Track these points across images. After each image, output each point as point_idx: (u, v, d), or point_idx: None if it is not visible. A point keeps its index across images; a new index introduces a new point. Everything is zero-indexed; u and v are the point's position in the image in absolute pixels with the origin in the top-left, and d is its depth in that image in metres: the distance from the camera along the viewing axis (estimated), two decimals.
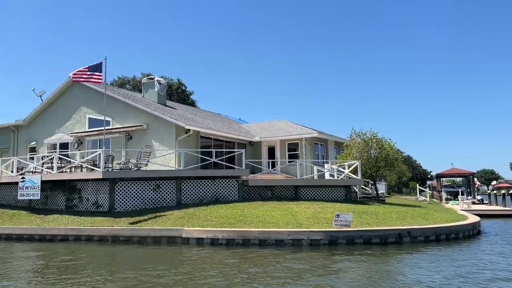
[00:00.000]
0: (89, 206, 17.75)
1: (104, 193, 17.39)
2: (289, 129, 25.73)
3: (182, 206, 17.24)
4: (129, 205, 17.21)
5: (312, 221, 14.19)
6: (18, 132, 25.93)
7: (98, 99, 22.98)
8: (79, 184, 18.16)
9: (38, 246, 14.20)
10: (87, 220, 16.12)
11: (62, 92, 24.31)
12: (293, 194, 18.93)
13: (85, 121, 23.26)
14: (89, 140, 22.98)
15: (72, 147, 23.30)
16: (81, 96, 23.61)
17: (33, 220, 17.21)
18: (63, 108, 24.14)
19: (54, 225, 16.02)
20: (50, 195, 18.95)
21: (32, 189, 18.08)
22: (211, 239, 13.21)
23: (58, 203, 18.71)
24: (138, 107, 21.18)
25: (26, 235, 15.58)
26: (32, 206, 19.23)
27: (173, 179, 17.74)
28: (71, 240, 14.89)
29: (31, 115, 25.23)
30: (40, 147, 24.70)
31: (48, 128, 24.48)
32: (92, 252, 12.80)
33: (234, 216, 14.94)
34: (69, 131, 23.59)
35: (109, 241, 14.39)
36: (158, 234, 13.82)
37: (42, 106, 24.87)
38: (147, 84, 26.03)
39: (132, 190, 17.33)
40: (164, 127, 20.52)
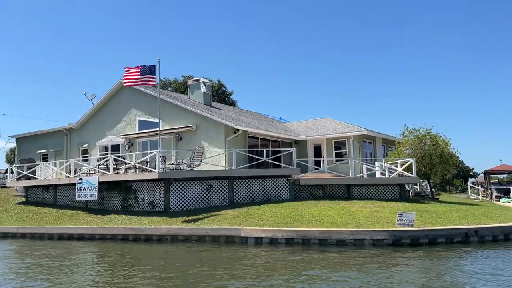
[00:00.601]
0: (144, 206, 18.15)
1: (159, 193, 17.74)
2: (335, 127, 25.37)
3: (235, 205, 17.33)
4: (184, 204, 17.47)
5: (371, 221, 13.88)
6: (70, 135, 26.90)
7: (147, 102, 23.53)
8: (134, 185, 18.61)
9: (99, 245, 14.63)
10: (144, 220, 16.48)
11: (112, 95, 25.01)
12: (345, 193, 18.63)
13: (135, 123, 23.82)
14: (139, 141, 23.50)
15: (123, 148, 23.92)
16: (130, 99, 24.20)
17: (92, 220, 17.79)
18: (114, 110, 24.83)
19: (112, 225, 16.49)
20: (106, 195, 19.52)
21: (90, 190, 18.70)
22: (270, 239, 13.17)
23: (114, 204, 19.26)
24: (187, 108, 21.48)
25: (87, 235, 16.10)
26: (89, 206, 19.88)
27: (225, 179, 17.87)
28: (130, 239, 15.25)
29: (83, 119, 26.11)
30: (92, 149, 25.51)
31: (99, 130, 25.26)
32: (155, 251, 13.04)
33: (290, 216, 14.84)
34: (120, 133, 24.23)
35: (168, 240, 14.64)
36: (217, 233, 13.93)
37: (93, 110, 25.68)
38: (192, 85, 26.37)
39: (186, 190, 17.58)
40: (213, 128, 20.70)
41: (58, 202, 21.44)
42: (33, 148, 28.70)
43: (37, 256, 12.62)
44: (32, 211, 20.51)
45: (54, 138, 27.75)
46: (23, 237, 17.30)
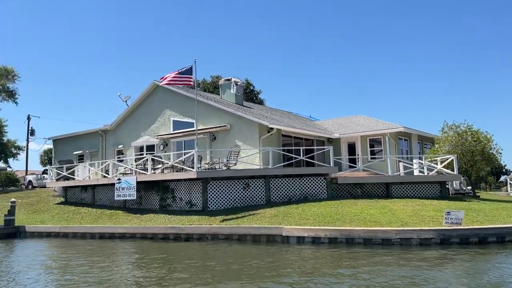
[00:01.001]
0: (182, 205, 18.31)
1: (197, 192, 17.85)
2: (370, 124, 24.94)
3: (272, 204, 17.25)
4: (221, 203, 17.53)
5: (416, 219, 13.54)
6: (106, 136, 27.44)
7: (181, 102, 23.74)
8: (172, 184, 18.79)
9: (141, 244, 14.82)
10: (183, 219, 16.62)
11: (146, 96, 25.36)
12: (384, 191, 18.27)
13: (170, 123, 24.07)
14: (174, 141, 23.74)
15: (158, 149, 24.21)
16: (164, 100, 24.48)
17: (131, 220, 18.06)
18: (148, 111, 25.17)
19: (151, 224, 16.70)
20: (143, 195, 19.79)
21: (128, 190, 19.01)
22: (312, 238, 13.01)
23: (152, 203, 19.51)
24: (221, 108, 21.55)
25: (129, 234, 16.34)
26: (127, 206, 20.21)
27: (262, 178, 17.82)
28: (171, 238, 15.39)
29: (118, 120, 26.58)
30: (127, 150, 25.95)
31: (134, 131, 25.66)
32: (202, 250, 13.09)
33: (330, 215, 14.65)
34: (154, 134, 24.55)
35: (208, 239, 14.70)
36: (258, 232, 13.88)
37: (127, 111, 26.11)
38: (224, 85, 26.46)
39: (223, 189, 17.63)
40: (247, 127, 20.69)
41: (96, 202, 21.89)
42: (69, 150, 29.43)
43: (83, 255, 12.89)
44: (72, 211, 21.02)
45: (89, 139, 28.38)
46: (66, 237, 17.71)
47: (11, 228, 18.62)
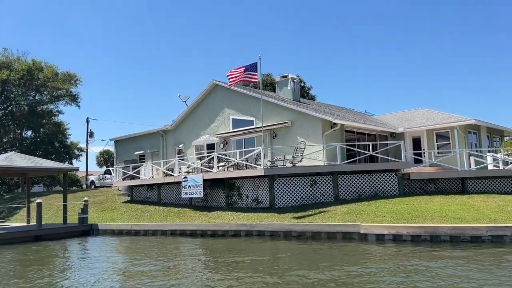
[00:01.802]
0: (249, 202, 18.32)
1: (264, 190, 17.80)
2: (435, 118, 23.89)
3: (341, 201, 16.89)
4: (289, 200, 17.37)
5: (504, 216, 12.70)
6: (166, 136, 28.09)
7: (240, 100, 23.84)
8: (237, 182, 18.86)
9: (214, 241, 14.94)
10: (251, 216, 16.60)
11: (205, 96, 25.68)
12: (458, 187, 17.38)
13: (229, 122, 24.23)
14: (234, 139, 23.89)
15: (218, 147, 24.46)
16: (223, 98, 24.67)
17: (199, 217, 18.30)
18: (207, 111, 25.48)
19: (220, 221, 16.83)
20: (209, 193, 20.00)
21: (195, 187, 19.28)
22: (393, 236, 12.55)
23: (218, 200, 19.69)
24: (282, 104, 21.39)
25: (200, 231, 16.55)
26: (193, 203, 20.52)
27: (329, 174, 17.48)
28: (242, 235, 15.42)
29: (178, 120, 27.12)
30: (187, 149, 26.41)
31: (194, 130, 26.08)
32: (286, 247, 12.99)
33: (408, 212, 14.07)
34: (214, 133, 24.81)
35: (281, 236, 14.59)
36: (333, 230, 13.58)
37: (187, 111, 26.57)
38: (280, 82, 26.28)
39: (290, 186, 17.46)
40: (309, 123, 20.41)
41: (162, 200, 22.41)
42: (131, 150, 30.41)
43: (159, 250, 13.15)
44: (139, 209, 21.63)
45: (150, 139, 29.18)
46: (137, 234, 18.22)
47: (84, 226, 19.43)
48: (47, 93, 33.17)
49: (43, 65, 32.28)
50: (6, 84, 31.15)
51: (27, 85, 31.99)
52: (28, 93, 33.04)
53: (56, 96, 33.64)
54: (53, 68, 32.83)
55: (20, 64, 32.99)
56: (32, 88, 32.39)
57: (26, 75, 31.38)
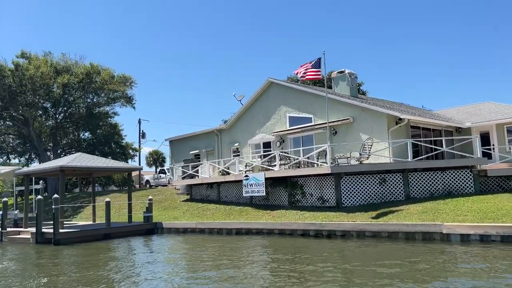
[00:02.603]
0: (313, 201, 17.96)
1: (329, 188, 17.38)
2: (504, 111, 22.47)
3: (413, 200, 16.17)
4: (356, 199, 16.85)
5: None
6: (221, 136, 28.22)
7: (297, 97, 23.50)
8: (300, 180, 18.55)
9: (284, 240, 14.70)
10: (318, 215, 16.23)
11: (260, 94, 25.53)
12: None
13: (286, 120, 23.94)
14: (291, 138, 23.57)
15: (274, 145, 24.24)
16: (279, 96, 24.42)
17: (262, 216, 18.14)
18: (262, 109, 25.32)
19: (284, 219, 16.57)
20: (270, 191, 19.79)
21: (257, 186, 19.15)
22: (480, 236, 11.78)
23: (280, 199, 19.45)
24: (344, 100, 20.86)
25: (266, 230, 16.36)
26: (254, 202, 20.40)
27: (399, 172, 16.78)
28: (311, 235, 15.09)
29: (232, 119, 27.17)
30: (243, 148, 26.39)
31: (249, 129, 26.00)
32: (365, 249, 12.57)
33: (492, 210, 13.20)
34: (270, 131, 24.61)
35: (353, 236, 14.12)
36: (412, 230, 12.96)
37: (242, 110, 26.54)
38: (337, 78, 25.68)
39: (358, 184, 16.93)
40: (373, 119, 19.75)
41: (221, 198, 22.46)
42: (186, 149, 30.81)
43: (228, 249, 13.06)
44: (200, 208, 21.80)
45: (205, 139, 29.43)
46: (202, 232, 18.32)
47: (149, 224, 19.79)
48: (104, 95, 34.29)
49: (100, 68, 33.42)
50: (67, 87, 32.49)
51: (86, 88, 33.20)
52: (86, 96, 34.31)
53: (112, 98, 34.75)
54: (110, 71, 33.92)
55: (78, 68, 34.31)
56: (90, 90, 33.60)
57: (85, 79, 32.58)
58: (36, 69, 30.74)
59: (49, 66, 32.40)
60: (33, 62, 31.97)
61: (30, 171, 20.09)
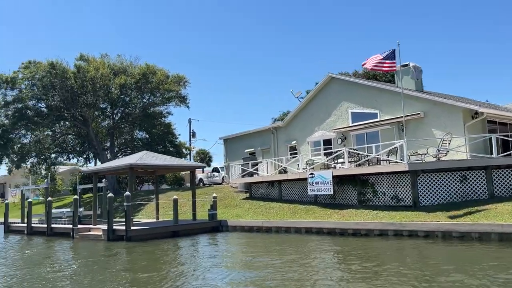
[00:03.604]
0: (386, 200, 17.18)
1: (404, 186, 16.55)
2: None
3: (498, 199, 15.05)
4: (435, 198, 15.93)
5: None
6: (277, 133, 27.84)
7: (360, 93, 22.73)
8: (371, 178, 17.81)
9: (358, 240, 14.08)
10: (394, 214, 15.46)
11: (319, 90, 24.92)
12: None
13: (347, 116, 23.21)
14: (353, 134, 22.81)
15: (335, 143, 23.57)
16: (340, 92, 23.72)
17: (331, 215, 17.56)
18: (322, 105, 24.69)
19: (357, 219, 15.93)
20: (337, 190, 19.16)
21: (324, 184, 18.59)
22: None
23: (347, 198, 18.78)
24: (414, 95, 19.95)
25: (339, 229, 15.77)
26: (319, 201, 19.84)
27: (481, 169, 15.69)
28: (390, 235, 14.37)
29: (289, 116, 26.71)
30: (301, 145, 25.87)
31: (307, 126, 25.45)
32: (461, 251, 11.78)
33: None
34: (330, 128, 23.96)
35: (438, 236, 13.29)
36: (507, 231, 11.99)
37: (299, 107, 26.03)
38: (400, 71, 24.54)
39: (436, 182, 16.00)
40: (447, 113, 18.70)
41: (283, 197, 22.05)
42: (240, 148, 30.67)
43: (304, 249, 12.61)
44: (262, 206, 21.48)
45: (260, 137, 29.16)
46: (268, 231, 17.98)
47: (214, 222, 19.70)
48: (159, 95, 34.82)
49: (155, 68, 33.96)
50: (124, 88, 33.24)
51: (142, 88, 33.83)
52: (142, 96, 34.98)
53: (167, 98, 35.21)
54: (164, 71, 34.40)
55: (134, 68, 35.05)
56: (146, 91, 34.21)
57: (141, 79, 33.20)
58: (96, 70, 31.64)
59: (107, 68, 33.28)
60: (91, 64, 32.95)
61: (99, 169, 20.56)
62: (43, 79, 30.86)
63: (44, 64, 31.41)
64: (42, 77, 30.85)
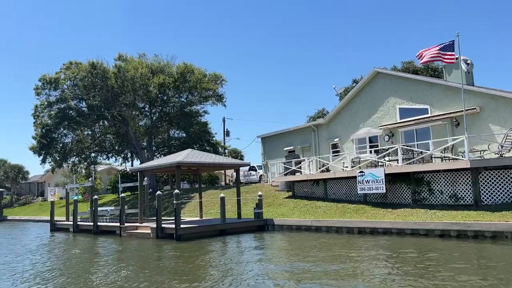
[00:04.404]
0: (443, 199, 16.39)
1: (464, 184, 15.73)
2: None
3: None
4: (498, 197, 15.05)
5: None
6: (318, 131, 27.27)
7: (408, 87, 21.92)
8: (426, 176, 17.04)
9: (424, 240, 13.42)
10: (454, 214, 14.72)
11: (363, 86, 24.22)
12: None
13: (395, 112, 22.41)
14: (402, 131, 22.00)
15: (382, 140, 22.82)
16: (387, 87, 22.95)
17: (383, 214, 16.91)
18: (367, 101, 23.98)
19: (413, 218, 15.26)
20: (388, 188, 18.46)
21: (375, 183, 17.97)
22: None
23: (401, 197, 18.06)
24: (469, 89, 18.98)
25: (395, 229, 15.14)
26: (368, 200, 19.19)
27: None
28: (452, 235, 13.64)
29: (331, 114, 26.09)
30: (344, 143, 25.23)
31: (351, 123, 24.78)
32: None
33: None
34: (376, 124, 23.23)
35: (508, 238, 12.48)
36: None
37: (342, 103, 25.39)
38: (449, 65, 23.58)
39: (499, 180, 15.11)
40: (504, 107, 17.70)
41: (328, 195, 21.50)
42: (278, 146, 30.26)
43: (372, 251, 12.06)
44: (307, 205, 21.00)
45: (300, 135, 28.66)
46: (318, 230, 17.49)
47: (260, 221, 19.36)
48: (197, 94, 34.85)
49: (193, 67, 34.01)
50: (162, 87, 33.43)
51: (180, 87, 33.94)
52: (180, 95, 35.11)
53: (204, 97, 35.21)
54: (201, 70, 34.41)
55: (171, 67, 35.24)
56: (184, 90, 34.30)
57: (180, 78, 33.31)
58: (135, 70, 31.94)
59: (145, 67, 33.56)
60: (130, 64, 33.29)
61: (145, 167, 20.57)
62: (84, 79, 31.39)
63: (85, 64, 31.96)
64: (84, 77, 31.38)
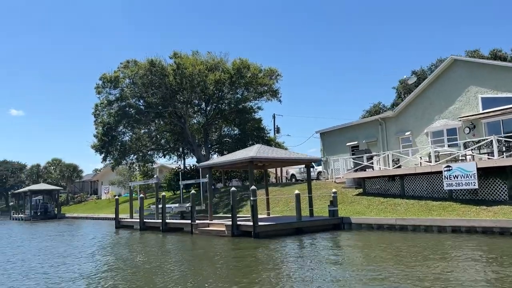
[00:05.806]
0: None
1: None
2: None
3: None
4: None
5: None
6: (385, 124, 25.94)
7: (492, 75, 20.30)
8: None
9: None
10: None
11: (438, 75, 22.71)
12: None
13: (477, 102, 20.81)
14: (485, 122, 20.37)
15: (461, 132, 21.24)
16: (466, 76, 21.35)
17: (476, 212, 15.55)
18: (443, 92, 22.45)
19: None
20: (480, 183, 16.98)
21: (465, 178, 16.58)
22: None
23: (494, 193, 16.56)
24: None
25: (498, 228, 13.80)
26: (455, 196, 17.77)
27: None
28: None
29: (402, 106, 24.71)
30: (416, 137, 23.80)
31: (424, 115, 23.34)
32: None
33: None
34: (454, 116, 21.68)
35: None
36: None
37: (414, 95, 23.97)
38: None
39: None
40: None
41: (406, 192, 20.17)
42: (339, 141, 29.13)
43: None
44: (383, 202, 19.81)
45: (364, 129, 27.44)
46: (402, 229, 16.34)
47: (335, 219, 18.44)
48: (252, 90, 34.26)
49: (249, 63, 33.42)
50: (218, 84, 33.07)
51: (236, 83, 33.47)
52: (236, 92, 34.65)
53: (259, 93, 34.57)
54: (257, 65, 33.77)
55: (225, 64, 34.83)
56: (239, 86, 33.80)
57: (236, 74, 32.84)
58: (193, 67, 31.75)
59: (201, 64, 33.31)
60: (186, 61, 33.14)
61: (215, 163, 20.17)
62: (143, 77, 31.53)
63: (144, 62, 32.12)
64: (143, 75, 31.52)
